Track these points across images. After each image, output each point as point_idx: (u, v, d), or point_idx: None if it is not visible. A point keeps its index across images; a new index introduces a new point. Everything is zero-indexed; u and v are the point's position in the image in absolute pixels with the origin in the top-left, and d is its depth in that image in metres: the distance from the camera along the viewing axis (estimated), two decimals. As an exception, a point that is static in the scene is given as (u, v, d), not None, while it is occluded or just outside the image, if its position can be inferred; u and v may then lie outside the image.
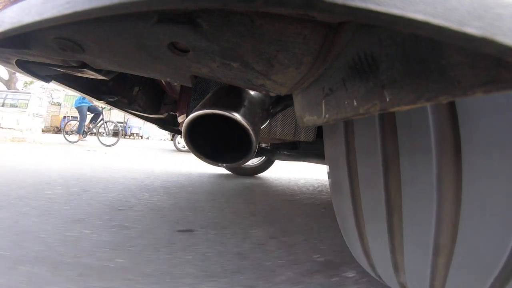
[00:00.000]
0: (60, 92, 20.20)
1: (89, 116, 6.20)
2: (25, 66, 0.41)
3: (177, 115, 0.91)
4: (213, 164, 0.43)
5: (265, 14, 0.21)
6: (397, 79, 0.20)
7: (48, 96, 20.24)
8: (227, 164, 0.43)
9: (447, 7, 0.14)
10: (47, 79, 0.54)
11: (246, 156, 0.41)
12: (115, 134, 6.82)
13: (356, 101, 0.25)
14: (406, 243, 0.38)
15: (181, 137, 0.44)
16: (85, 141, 6.47)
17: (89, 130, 6.27)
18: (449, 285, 0.36)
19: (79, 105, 5.98)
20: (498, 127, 0.29)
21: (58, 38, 0.28)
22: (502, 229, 0.30)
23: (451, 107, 0.31)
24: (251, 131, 0.37)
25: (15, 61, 0.38)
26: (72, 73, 0.44)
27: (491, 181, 0.30)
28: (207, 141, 0.45)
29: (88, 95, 0.75)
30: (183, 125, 0.39)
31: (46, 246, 0.69)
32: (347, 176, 0.45)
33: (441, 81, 0.17)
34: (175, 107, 1.13)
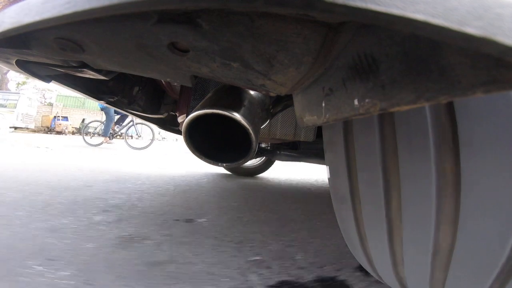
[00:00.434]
0: (52, 92, 20.21)
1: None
2: (25, 66, 0.41)
3: (177, 115, 0.91)
4: (213, 164, 0.43)
5: (265, 14, 0.21)
6: (397, 79, 0.20)
7: (41, 96, 20.27)
8: (227, 164, 0.43)
9: (447, 7, 0.14)
10: (47, 79, 0.54)
11: (246, 156, 0.41)
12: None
13: (356, 101, 0.25)
14: (405, 243, 0.38)
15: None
16: (111, 143, 6.09)
17: (114, 132, 5.95)
18: (449, 285, 0.36)
19: (106, 105, 5.84)
20: (497, 127, 0.29)
21: (58, 38, 0.28)
22: (501, 228, 0.30)
23: (450, 107, 0.31)
24: (251, 131, 0.37)
25: (15, 61, 0.38)
26: (72, 73, 0.44)
27: (491, 181, 0.30)
28: (207, 141, 0.45)
29: (88, 95, 0.75)
30: (183, 125, 0.39)
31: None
32: (347, 176, 0.45)
33: (441, 81, 0.17)
34: (175, 107, 1.13)
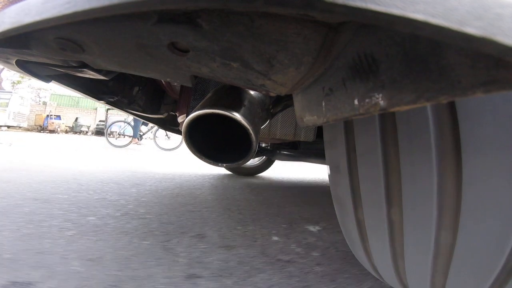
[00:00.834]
0: (47, 91, 20.24)
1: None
2: (25, 66, 0.41)
3: (177, 115, 0.91)
4: (213, 164, 0.43)
5: (265, 14, 0.21)
6: (397, 79, 0.20)
7: (35, 95, 20.29)
8: (227, 164, 0.43)
9: (447, 7, 0.14)
10: (47, 79, 0.54)
11: (246, 156, 0.41)
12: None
13: (356, 101, 0.25)
14: (406, 242, 0.38)
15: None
16: (140, 144, 5.88)
17: (142, 133, 5.79)
18: (450, 285, 0.37)
19: None
20: (498, 127, 0.29)
21: (58, 38, 0.28)
22: (502, 229, 0.30)
23: (451, 107, 0.31)
24: (251, 131, 0.37)
25: (15, 61, 0.38)
26: (72, 73, 0.44)
27: (492, 181, 0.30)
28: (207, 141, 0.45)
29: (88, 95, 0.75)
30: (183, 125, 0.39)
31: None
32: (347, 176, 0.45)
33: (441, 81, 0.17)
34: (175, 107, 1.13)
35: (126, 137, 6.08)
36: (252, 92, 0.45)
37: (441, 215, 0.33)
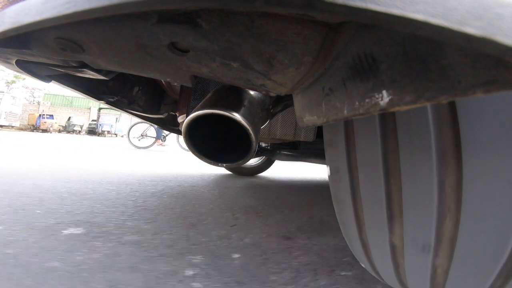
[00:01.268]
0: (41, 91, 20.28)
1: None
2: (25, 66, 0.41)
3: (177, 115, 0.91)
4: (213, 164, 0.43)
5: (265, 14, 0.21)
6: (397, 79, 0.20)
7: (30, 95, 20.33)
8: (227, 164, 0.43)
9: (447, 7, 0.14)
10: (47, 79, 0.54)
11: (246, 156, 0.41)
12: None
13: (356, 101, 0.25)
14: (406, 243, 0.38)
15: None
16: (164, 146, 5.66)
17: (165, 134, 5.57)
18: (449, 285, 0.36)
19: None
20: (498, 126, 0.29)
21: (58, 38, 0.28)
22: (502, 229, 0.30)
23: (451, 107, 0.31)
24: (251, 131, 0.37)
25: (15, 61, 0.38)
26: (72, 73, 0.44)
27: (491, 181, 0.30)
28: (207, 141, 0.45)
29: (88, 95, 0.75)
30: (183, 125, 0.39)
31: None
32: (347, 175, 0.45)
33: (441, 81, 0.17)
34: (175, 107, 1.13)
35: (148, 138, 5.77)
36: (252, 92, 0.45)
37: (441, 215, 0.33)
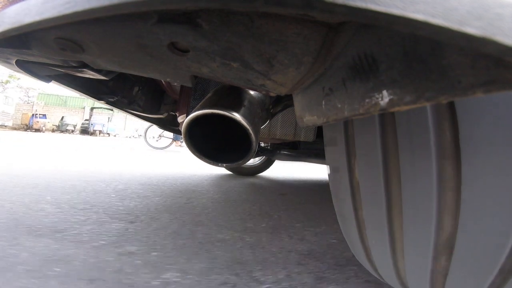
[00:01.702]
0: (35, 90, 20.33)
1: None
2: (25, 66, 0.41)
3: (177, 115, 0.91)
4: (213, 164, 0.43)
5: (265, 14, 0.21)
6: (397, 79, 0.20)
7: (24, 94, 20.38)
8: (227, 164, 0.43)
9: (447, 7, 0.14)
10: (47, 79, 0.54)
11: (246, 156, 0.41)
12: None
13: (356, 101, 0.25)
14: (406, 242, 0.38)
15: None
16: (182, 147, 5.53)
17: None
18: (449, 285, 0.36)
19: None
20: (498, 126, 0.29)
21: (58, 38, 0.28)
22: (502, 228, 0.30)
23: (451, 106, 0.31)
24: (251, 131, 0.37)
25: (15, 61, 0.38)
26: (72, 73, 0.44)
27: (491, 181, 0.30)
28: (207, 141, 0.45)
29: (88, 95, 0.75)
30: (183, 125, 0.39)
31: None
32: (347, 175, 0.45)
33: (441, 81, 0.17)
34: (175, 107, 1.13)
35: (164, 138, 5.62)
36: (252, 92, 0.45)
37: (441, 214, 0.33)
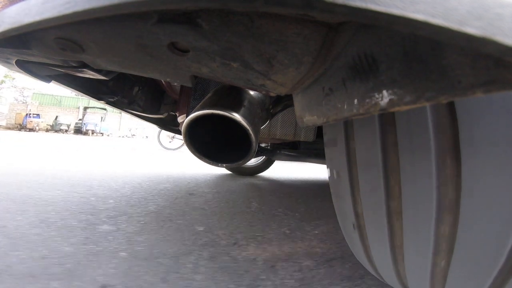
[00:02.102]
0: (30, 90, 20.35)
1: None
2: (25, 66, 0.41)
3: (177, 115, 0.91)
4: (213, 164, 0.43)
5: (265, 14, 0.21)
6: (397, 79, 0.20)
7: (19, 94, 20.43)
8: (227, 164, 0.43)
9: (447, 7, 0.14)
10: (47, 79, 0.54)
11: (246, 156, 0.41)
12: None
13: (356, 101, 0.25)
14: (406, 242, 0.38)
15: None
16: None
17: None
18: (449, 285, 0.36)
19: None
20: (498, 126, 0.29)
21: (58, 38, 0.28)
22: (501, 228, 0.30)
23: (451, 106, 0.31)
24: (251, 131, 0.37)
25: (15, 61, 0.38)
26: (72, 73, 0.44)
27: (491, 181, 0.30)
28: (207, 141, 0.45)
29: (88, 95, 0.75)
30: (183, 125, 0.39)
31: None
32: (347, 174, 0.45)
33: (441, 81, 0.17)
34: (175, 107, 1.13)
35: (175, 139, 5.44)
36: (252, 92, 0.45)
37: (441, 214, 0.33)
